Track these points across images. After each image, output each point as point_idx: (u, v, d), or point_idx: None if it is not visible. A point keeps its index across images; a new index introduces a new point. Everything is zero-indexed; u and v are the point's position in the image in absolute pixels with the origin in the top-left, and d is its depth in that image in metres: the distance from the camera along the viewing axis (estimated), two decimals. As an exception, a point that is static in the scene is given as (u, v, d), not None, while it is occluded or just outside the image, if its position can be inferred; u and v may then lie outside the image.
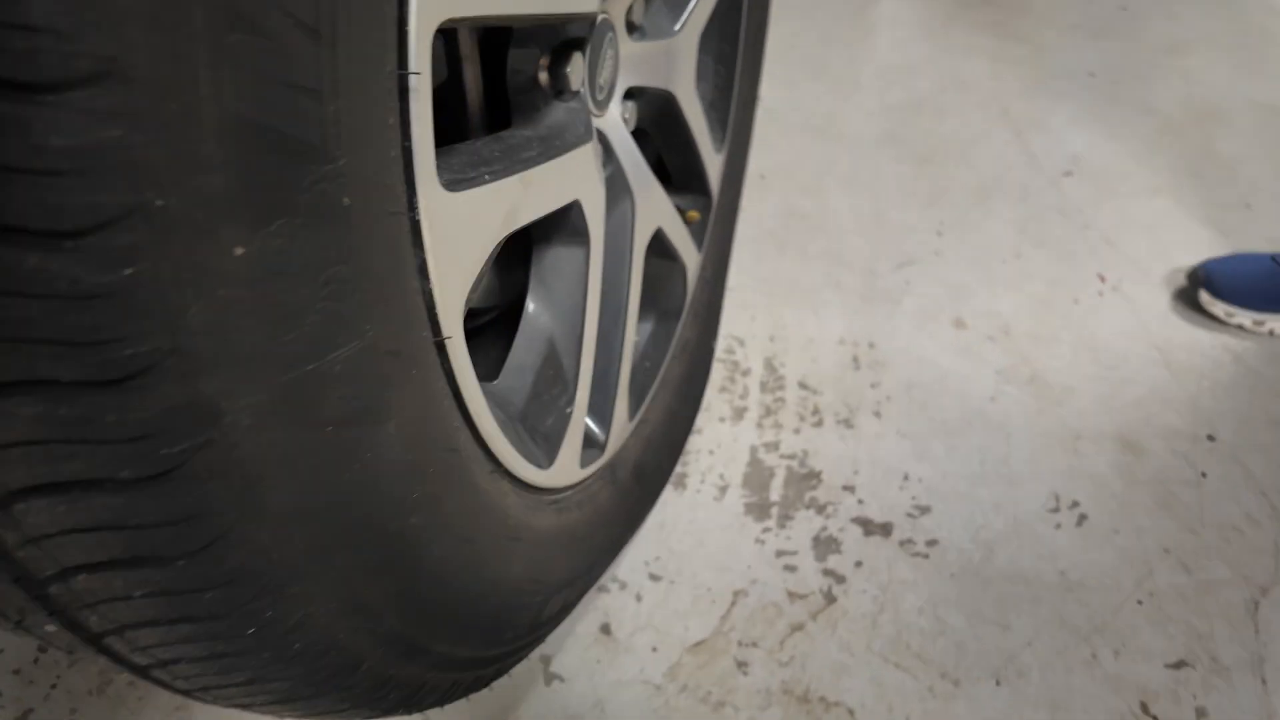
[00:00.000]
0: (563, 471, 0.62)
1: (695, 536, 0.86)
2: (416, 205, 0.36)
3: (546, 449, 0.59)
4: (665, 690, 0.73)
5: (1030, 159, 1.49)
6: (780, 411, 1.00)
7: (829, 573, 0.83)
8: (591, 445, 0.71)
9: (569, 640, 0.76)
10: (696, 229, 0.91)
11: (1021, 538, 0.87)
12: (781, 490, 0.91)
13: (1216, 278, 1.14)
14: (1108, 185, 1.43)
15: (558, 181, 0.52)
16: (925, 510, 0.89)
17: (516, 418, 0.57)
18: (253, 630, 0.33)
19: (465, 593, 0.46)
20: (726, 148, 0.93)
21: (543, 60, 0.57)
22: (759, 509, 0.89)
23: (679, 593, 0.81)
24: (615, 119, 0.69)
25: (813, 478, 0.92)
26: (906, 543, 0.86)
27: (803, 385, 1.03)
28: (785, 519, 0.88)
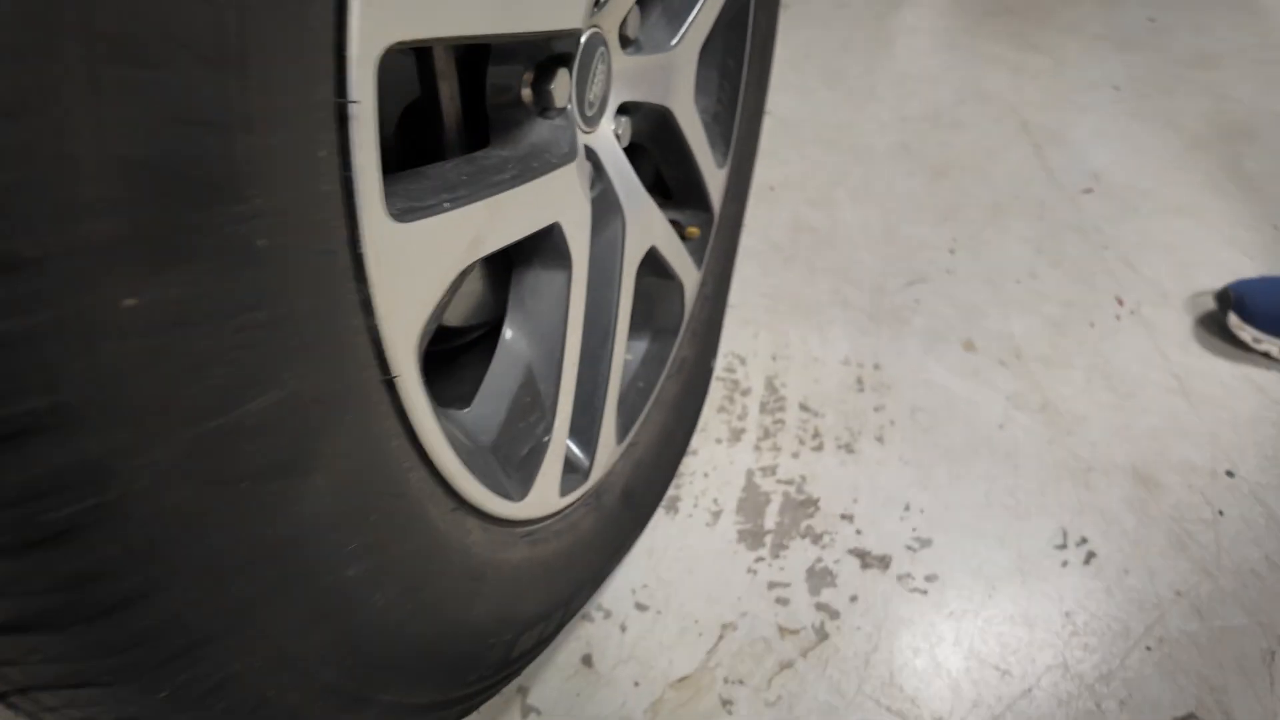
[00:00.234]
0: (539, 501, 0.60)
1: (685, 564, 0.83)
2: (360, 239, 0.34)
3: (520, 479, 0.57)
4: (646, 727, 0.70)
5: (1049, 175, 1.44)
6: (779, 434, 0.97)
7: (822, 607, 0.79)
8: (574, 470, 0.68)
9: (548, 670, 0.74)
10: (696, 245, 0.88)
11: (1025, 575, 0.83)
12: (777, 517, 0.88)
13: (1248, 301, 1.08)
14: (1129, 203, 1.38)
15: (533, 205, 0.50)
16: (926, 543, 0.86)
17: (488, 448, 0.55)
18: (166, 694, 0.31)
19: (417, 639, 0.44)
20: (730, 162, 0.90)
21: (527, 76, 0.55)
22: (753, 537, 0.86)
23: (665, 624, 0.78)
24: (606, 136, 0.66)
25: (810, 505, 0.89)
26: (905, 577, 0.82)
27: (804, 407, 1.00)
28: (779, 548, 0.85)
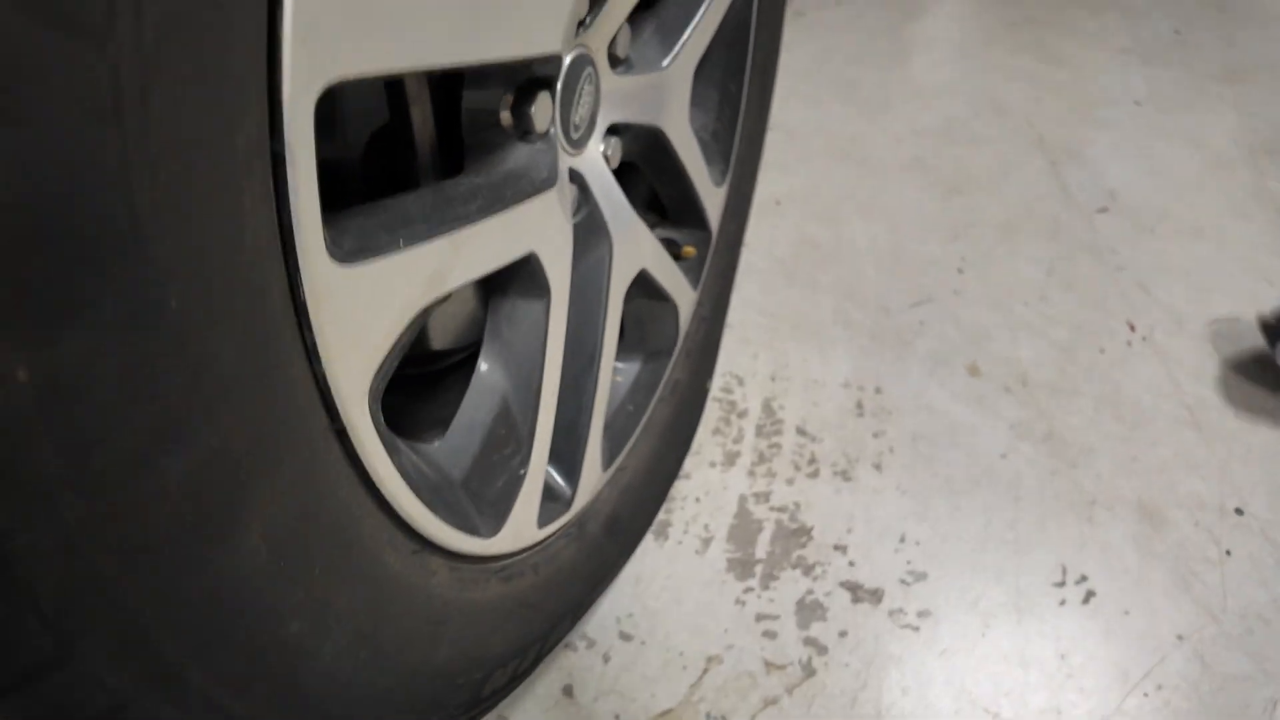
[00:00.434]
0: (514, 535, 0.58)
1: (672, 593, 0.81)
2: (300, 285, 0.33)
3: (494, 515, 0.55)
4: (624, 763, 0.69)
5: (1064, 192, 1.41)
6: (775, 459, 0.95)
7: (810, 642, 0.77)
8: (555, 499, 0.66)
9: (528, 701, 0.72)
10: (693, 265, 0.86)
11: (1022, 613, 0.81)
12: (768, 546, 0.86)
13: None
14: (1145, 224, 1.35)
15: (503, 237, 0.48)
16: (920, 577, 0.83)
17: (459, 483, 0.54)
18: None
19: (371, 687, 0.43)
20: (729, 181, 0.88)
21: (506, 99, 0.53)
22: (742, 566, 0.84)
23: (649, 655, 0.76)
24: (594, 158, 0.65)
25: (803, 534, 0.87)
26: (897, 612, 0.80)
27: (801, 431, 0.98)
28: (769, 579, 0.83)
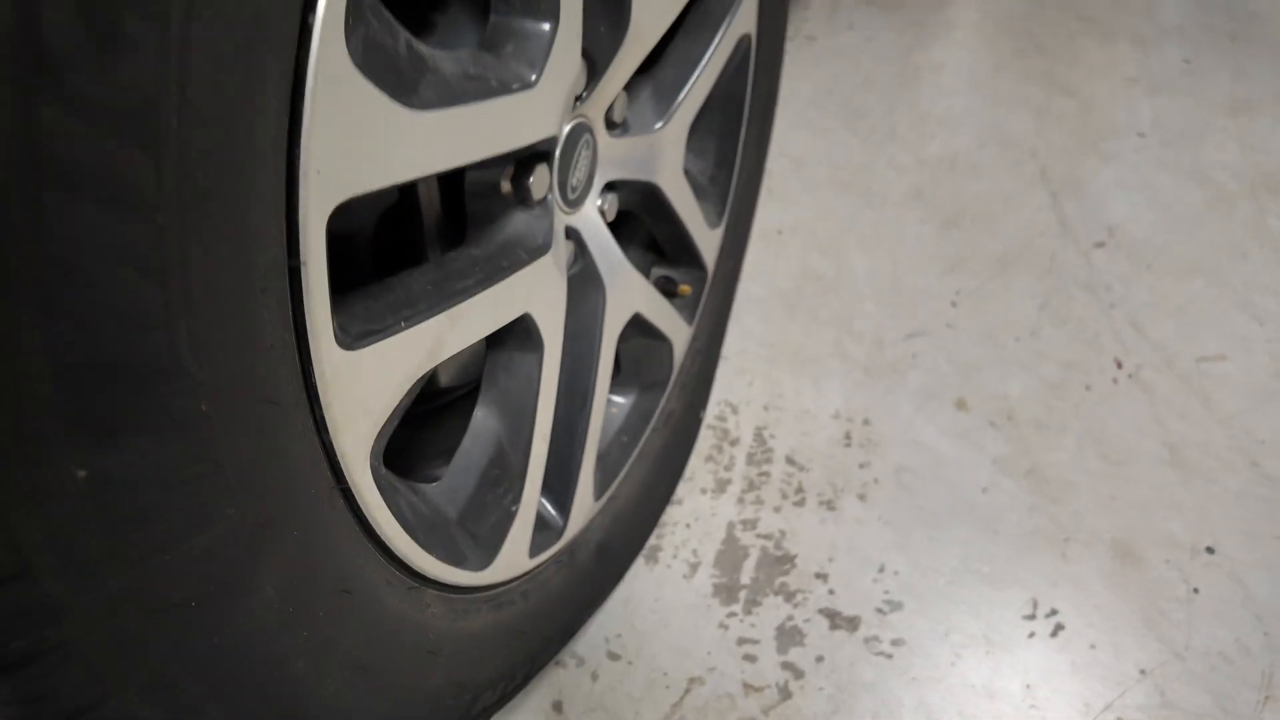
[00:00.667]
0: (505, 566, 0.63)
1: (660, 615, 0.86)
2: (311, 371, 0.38)
3: (486, 549, 0.60)
4: (606, 777, 0.73)
5: (1063, 226, 1.44)
6: (764, 487, 0.99)
7: (788, 666, 0.82)
8: (547, 529, 0.71)
9: (519, 715, 0.78)
10: (688, 302, 0.91)
11: (992, 644, 0.85)
12: (753, 573, 0.90)
13: None
14: (1142, 259, 1.38)
15: (498, 305, 0.53)
16: (896, 606, 0.88)
17: (454, 521, 0.59)
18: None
19: (368, 713, 0.48)
20: (725, 222, 0.92)
21: (508, 170, 0.58)
22: (727, 591, 0.88)
23: (635, 675, 0.81)
24: (590, 215, 0.69)
25: (786, 561, 0.91)
26: (872, 640, 0.85)
27: (790, 460, 1.02)
28: (752, 604, 0.87)
